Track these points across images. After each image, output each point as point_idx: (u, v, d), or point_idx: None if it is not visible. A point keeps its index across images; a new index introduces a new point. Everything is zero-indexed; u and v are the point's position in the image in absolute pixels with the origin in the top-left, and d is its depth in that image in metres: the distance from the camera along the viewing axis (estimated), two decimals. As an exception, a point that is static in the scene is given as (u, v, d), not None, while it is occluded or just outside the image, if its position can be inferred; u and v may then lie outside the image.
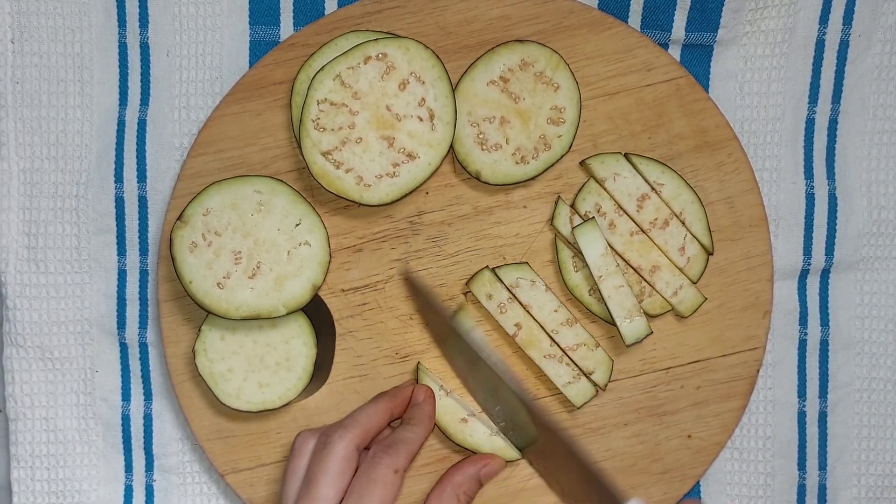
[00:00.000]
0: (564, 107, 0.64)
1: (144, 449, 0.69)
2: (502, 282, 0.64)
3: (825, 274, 0.70)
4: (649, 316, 0.65)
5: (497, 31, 0.66)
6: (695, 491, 0.69)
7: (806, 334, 0.70)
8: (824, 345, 0.70)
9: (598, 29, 0.66)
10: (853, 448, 0.70)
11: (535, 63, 0.64)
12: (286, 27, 0.68)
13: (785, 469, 0.69)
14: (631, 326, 0.63)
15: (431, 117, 0.62)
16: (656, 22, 0.67)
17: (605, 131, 0.66)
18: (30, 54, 0.67)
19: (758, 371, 0.67)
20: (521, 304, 0.64)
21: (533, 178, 0.65)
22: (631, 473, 0.66)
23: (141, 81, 0.68)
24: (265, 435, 0.65)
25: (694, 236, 0.65)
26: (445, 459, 0.66)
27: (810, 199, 0.69)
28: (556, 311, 0.64)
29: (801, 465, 0.70)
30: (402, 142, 0.62)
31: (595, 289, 0.64)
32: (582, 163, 0.65)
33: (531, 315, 0.64)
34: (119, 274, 0.68)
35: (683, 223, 0.65)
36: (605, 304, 0.64)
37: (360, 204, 0.63)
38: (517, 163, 0.64)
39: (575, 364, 0.64)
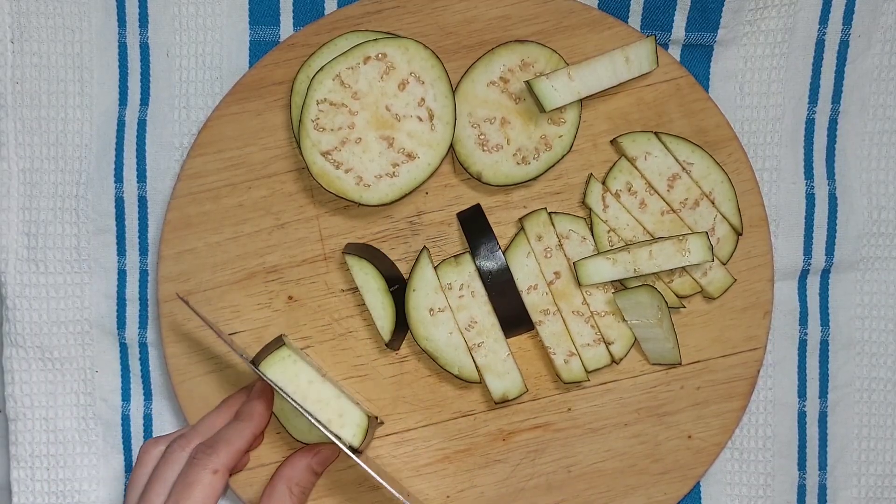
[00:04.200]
0: (565, 107, 0.64)
1: (144, 449, 0.69)
2: (555, 228, 0.64)
3: (825, 274, 0.70)
4: (679, 296, 0.65)
5: (497, 31, 0.65)
6: (695, 491, 0.69)
7: (806, 334, 0.70)
8: (824, 345, 0.70)
9: (598, 29, 0.66)
10: (853, 448, 0.70)
11: (535, 63, 0.64)
12: (286, 27, 0.68)
13: (785, 469, 0.69)
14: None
15: (431, 117, 0.62)
16: (656, 22, 0.67)
17: (605, 131, 0.66)
18: (30, 54, 0.67)
19: (758, 371, 0.67)
20: (566, 255, 0.64)
21: (534, 179, 0.65)
22: (631, 473, 0.66)
23: (141, 81, 0.68)
24: (265, 435, 0.65)
25: (724, 217, 0.65)
26: (446, 459, 0.66)
27: (810, 199, 0.69)
28: None
29: (801, 465, 0.70)
30: (401, 142, 0.62)
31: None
32: (613, 141, 0.65)
33: (572, 269, 0.64)
34: (119, 274, 0.68)
35: (713, 203, 0.65)
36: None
37: (360, 204, 0.63)
38: (518, 163, 0.64)
39: (598, 330, 0.64)
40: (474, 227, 0.64)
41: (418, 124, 0.62)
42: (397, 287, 0.64)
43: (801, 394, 0.70)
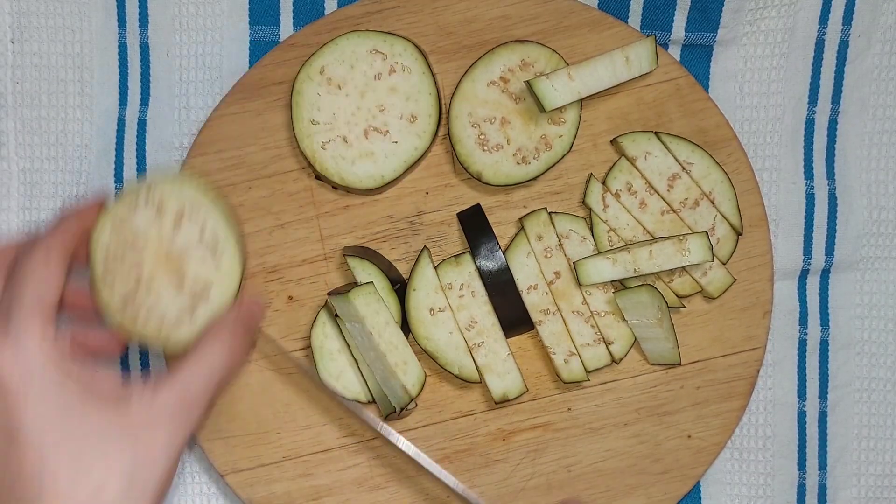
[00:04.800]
0: (565, 106, 0.64)
1: (144, 449, 0.69)
2: (555, 228, 0.65)
3: (825, 274, 0.70)
4: (679, 296, 0.65)
5: (497, 31, 0.65)
6: (695, 491, 0.69)
7: (806, 334, 0.70)
8: (824, 345, 0.70)
9: (598, 29, 0.66)
10: (853, 448, 0.70)
11: (535, 63, 0.64)
12: (286, 27, 0.68)
13: (785, 469, 0.69)
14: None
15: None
16: (656, 22, 0.67)
17: (605, 131, 0.66)
18: (30, 54, 0.67)
19: (758, 371, 0.67)
20: (566, 255, 0.65)
21: (534, 179, 0.65)
22: (631, 473, 0.66)
23: (141, 81, 0.68)
24: (265, 435, 0.65)
25: (724, 217, 0.65)
26: (446, 459, 0.66)
27: (810, 199, 0.69)
28: None
29: (801, 465, 0.70)
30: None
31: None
32: (613, 141, 0.65)
33: (572, 269, 0.64)
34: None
35: (713, 203, 0.65)
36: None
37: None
38: (518, 163, 0.64)
39: (598, 330, 0.64)
40: (474, 226, 0.64)
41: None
42: (398, 287, 0.64)
43: (801, 394, 0.70)
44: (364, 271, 0.63)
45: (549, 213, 0.65)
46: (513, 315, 0.64)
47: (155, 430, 0.49)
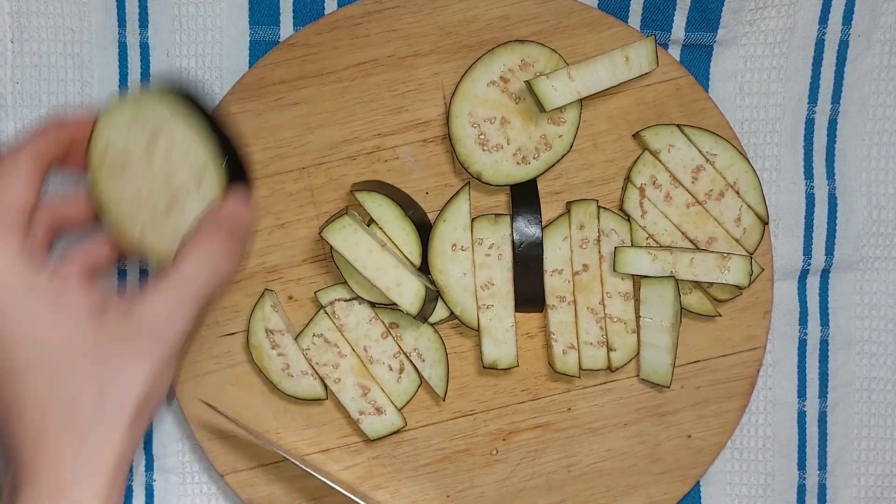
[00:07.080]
0: (565, 106, 0.64)
1: (144, 449, 0.69)
2: (599, 223, 0.65)
3: (825, 274, 0.70)
4: (717, 301, 0.65)
5: (497, 31, 0.66)
6: (695, 491, 0.69)
7: (806, 334, 0.70)
8: (824, 345, 0.70)
9: (597, 29, 0.66)
10: (853, 448, 0.70)
11: (535, 63, 0.64)
12: (286, 27, 0.68)
13: (785, 469, 0.70)
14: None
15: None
16: (656, 22, 0.67)
17: (605, 131, 0.66)
18: (30, 54, 0.67)
19: (758, 371, 0.67)
20: (599, 252, 0.65)
21: (533, 179, 0.65)
22: (631, 473, 0.66)
23: (141, 81, 0.68)
24: (264, 435, 0.65)
25: (749, 206, 0.65)
26: (446, 459, 0.66)
27: (810, 199, 0.69)
28: (622, 278, 0.64)
29: (801, 465, 0.70)
30: None
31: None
32: (635, 135, 0.65)
33: (601, 266, 0.65)
34: (119, 274, 0.68)
35: (738, 193, 0.65)
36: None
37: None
38: (518, 163, 0.64)
39: (605, 333, 0.64)
40: (523, 194, 0.64)
41: None
42: (413, 212, 0.64)
43: (801, 393, 0.70)
44: (375, 203, 0.63)
45: (598, 207, 0.65)
46: (529, 290, 0.64)
47: (131, 344, 0.48)
